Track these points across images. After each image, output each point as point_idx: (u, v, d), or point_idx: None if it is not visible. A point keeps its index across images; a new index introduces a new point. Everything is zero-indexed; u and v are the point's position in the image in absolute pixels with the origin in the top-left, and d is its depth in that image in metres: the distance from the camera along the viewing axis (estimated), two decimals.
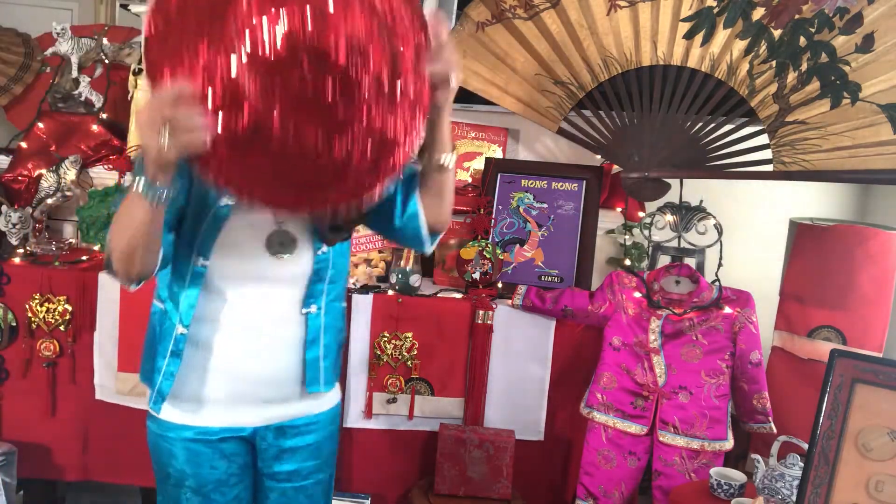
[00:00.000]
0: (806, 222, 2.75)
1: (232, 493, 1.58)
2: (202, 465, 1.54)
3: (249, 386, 1.53)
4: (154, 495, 2.80)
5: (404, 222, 1.51)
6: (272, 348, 1.53)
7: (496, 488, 2.37)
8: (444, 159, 1.43)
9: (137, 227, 1.29)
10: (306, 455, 1.62)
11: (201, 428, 1.52)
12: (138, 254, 1.33)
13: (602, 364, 2.37)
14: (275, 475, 1.62)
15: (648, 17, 2.37)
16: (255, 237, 1.47)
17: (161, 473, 1.58)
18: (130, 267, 1.34)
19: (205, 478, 1.54)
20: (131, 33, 3.34)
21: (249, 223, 1.46)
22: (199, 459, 1.53)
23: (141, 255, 1.33)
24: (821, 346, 2.53)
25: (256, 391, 1.54)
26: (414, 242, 1.56)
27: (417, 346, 2.43)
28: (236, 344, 1.50)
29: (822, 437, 1.51)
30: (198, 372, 1.51)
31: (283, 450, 1.60)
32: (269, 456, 1.60)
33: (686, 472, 2.27)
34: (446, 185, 1.50)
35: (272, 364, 1.53)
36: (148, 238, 1.32)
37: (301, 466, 1.62)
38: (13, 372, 2.43)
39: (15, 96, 3.08)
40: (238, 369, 1.51)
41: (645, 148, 2.47)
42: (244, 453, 1.59)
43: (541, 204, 2.65)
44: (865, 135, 2.20)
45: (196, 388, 1.51)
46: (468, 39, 2.56)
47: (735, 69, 2.33)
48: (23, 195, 2.70)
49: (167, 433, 1.54)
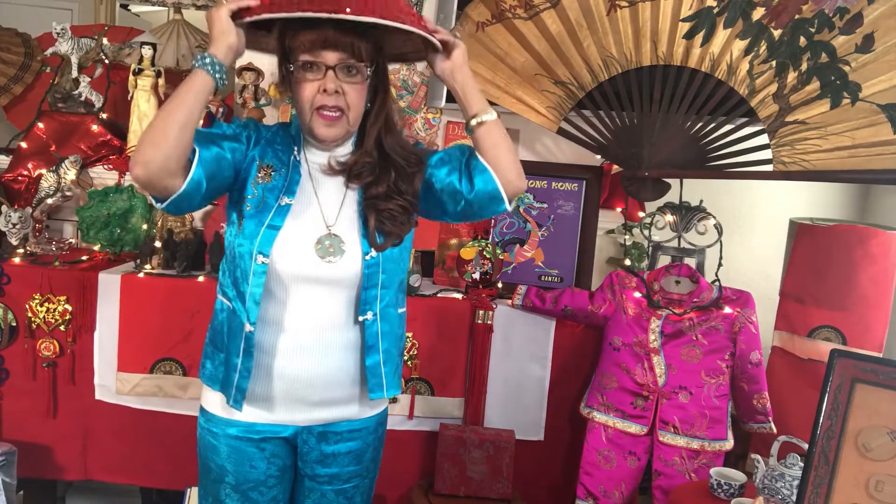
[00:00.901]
0: (806, 222, 2.75)
1: (270, 493, 1.62)
2: (243, 463, 1.59)
3: (301, 387, 1.56)
4: (153, 495, 2.82)
5: (477, 189, 1.55)
6: (327, 352, 1.56)
7: (496, 488, 2.37)
8: (476, 120, 1.54)
9: (183, 97, 1.39)
10: (348, 461, 1.65)
11: (246, 424, 1.57)
12: (172, 130, 1.36)
13: (602, 364, 2.37)
14: (315, 476, 1.65)
15: (648, 17, 2.37)
16: (307, 240, 1.52)
17: (204, 467, 1.64)
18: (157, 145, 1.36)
19: (244, 476, 1.59)
20: (131, 33, 3.35)
21: (303, 224, 1.52)
22: (240, 457, 1.59)
23: (175, 133, 1.36)
24: (821, 346, 2.53)
25: (308, 393, 1.57)
26: (492, 204, 1.57)
27: (417, 346, 2.43)
28: (291, 345, 1.54)
29: (822, 437, 1.51)
30: (256, 370, 1.55)
31: (325, 454, 1.63)
32: (311, 459, 1.64)
33: (686, 472, 2.27)
34: (495, 139, 1.55)
35: (325, 367, 1.56)
36: (188, 113, 1.38)
37: (342, 471, 1.66)
38: (13, 372, 2.42)
39: (15, 96, 3.08)
40: (291, 370, 1.55)
41: (645, 148, 2.47)
42: (285, 455, 1.63)
43: (541, 204, 2.65)
44: (865, 135, 2.20)
45: (252, 386, 1.55)
46: (468, 39, 2.55)
47: (735, 69, 2.33)
48: (23, 195, 2.71)
49: (213, 427, 1.60)
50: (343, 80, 1.47)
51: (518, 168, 1.58)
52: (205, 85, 1.41)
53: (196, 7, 3.77)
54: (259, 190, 1.53)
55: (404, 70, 2.80)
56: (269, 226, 1.50)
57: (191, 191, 1.42)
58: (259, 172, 1.54)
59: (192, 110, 1.39)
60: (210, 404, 1.61)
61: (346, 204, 1.56)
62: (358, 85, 1.49)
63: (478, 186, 1.55)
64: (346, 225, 1.55)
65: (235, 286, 1.54)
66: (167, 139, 1.36)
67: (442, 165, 1.58)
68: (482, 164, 1.55)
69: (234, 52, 1.45)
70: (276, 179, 1.54)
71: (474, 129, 1.55)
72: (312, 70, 1.47)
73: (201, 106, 1.41)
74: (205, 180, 1.44)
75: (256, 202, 1.52)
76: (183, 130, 1.37)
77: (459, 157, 1.59)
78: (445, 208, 1.60)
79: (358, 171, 1.54)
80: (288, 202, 1.52)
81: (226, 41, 1.43)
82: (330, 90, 1.46)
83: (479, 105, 1.55)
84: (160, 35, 3.62)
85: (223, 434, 1.58)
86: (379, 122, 1.56)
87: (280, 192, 1.53)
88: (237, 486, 1.60)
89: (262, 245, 1.50)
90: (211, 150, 1.46)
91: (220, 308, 1.60)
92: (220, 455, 1.59)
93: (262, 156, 1.55)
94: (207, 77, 1.41)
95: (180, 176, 1.40)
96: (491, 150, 1.55)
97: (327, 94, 1.47)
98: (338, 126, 1.51)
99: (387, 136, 1.56)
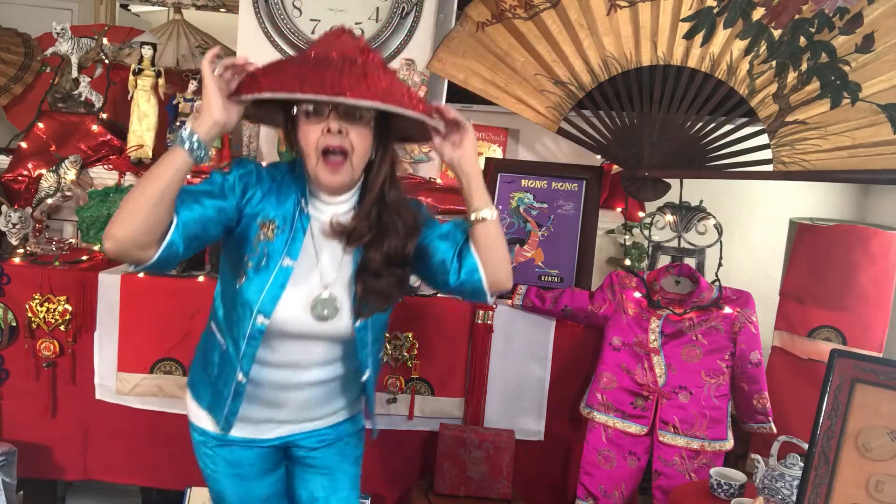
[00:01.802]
0: (806, 222, 2.75)
1: (270, 479, 1.75)
2: (240, 465, 1.71)
3: (287, 413, 1.67)
4: (154, 495, 2.81)
5: (462, 279, 1.57)
6: (314, 387, 1.66)
7: (496, 488, 2.37)
8: (476, 215, 1.54)
9: (161, 174, 1.36)
10: (329, 456, 1.77)
11: (234, 438, 1.67)
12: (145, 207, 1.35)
13: (602, 364, 2.37)
14: (301, 460, 1.77)
15: (648, 17, 2.37)
16: (305, 301, 1.55)
17: (203, 475, 1.75)
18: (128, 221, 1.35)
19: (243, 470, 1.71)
20: (131, 33, 3.35)
21: (303, 285, 1.54)
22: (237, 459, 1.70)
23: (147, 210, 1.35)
24: (821, 346, 2.53)
25: (294, 416, 1.68)
26: (475, 296, 1.60)
27: (417, 346, 2.43)
28: (280, 382, 1.63)
29: (822, 437, 1.51)
30: (245, 402, 1.62)
31: (311, 449, 1.74)
32: (296, 451, 1.76)
33: (686, 472, 2.27)
34: (490, 239, 1.55)
35: (312, 395, 1.67)
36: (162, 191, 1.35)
37: (328, 465, 1.77)
38: (13, 372, 2.42)
39: (15, 96, 3.09)
40: (278, 399, 1.64)
41: (645, 148, 2.47)
42: (275, 452, 1.75)
43: (541, 204, 2.65)
44: (865, 135, 2.20)
45: (241, 413, 1.63)
46: (468, 39, 2.56)
47: (735, 69, 2.33)
48: (23, 195, 2.70)
49: (202, 439, 1.70)
50: (345, 121, 1.46)
51: (507, 269, 1.58)
52: (182, 164, 1.38)
53: (196, 7, 3.78)
54: (261, 248, 1.51)
55: (404, 70, 2.81)
56: (270, 288, 1.51)
57: (165, 258, 1.41)
58: (261, 230, 1.52)
59: (166, 188, 1.36)
60: (200, 421, 1.69)
61: (343, 264, 1.57)
62: (361, 128, 1.47)
63: (464, 278, 1.57)
64: (342, 286, 1.57)
65: (230, 329, 1.58)
66: (140, 215, 1.35)
67: (444, 240, 1.59)
68: (473, 259, 1.56)
69: (220, 128, 1.41)
70: (278, 237, 1.52)
71: (473, 224, 1.55)
72: (315, 114, 1.46)
73: (178, 183, 1.38)
74: (182, 246, 1.42)
75: (258, 260, 1.52)
76: (156, 207, 1.35)
77: (458, 239, 1.59)
78: (434, 279, 1.63)
79: (357, 235, 1.54)
80: (290, 264, 1.52)
81: (211, 118, 1.40)
82: (333, 130, 1.45)
83: (482, 200, 1.55)
84: (160, 35, 3.63)
85: (213, 445, 1.69)
86: (383, 172, 1.55)
87: (283, 252, 1.52)
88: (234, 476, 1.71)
89: (265, 306, 1.51)
90: (193, 211, 1.43)
91: (213, 342, 1.65)
92: (217, 464, 1.70)
93: (264, 211, 1.53)
94: (186, 156, 1.38)
95: (153, 247, 1.39)
96: (485, 249, 1.56)
97: (331, 134, 1.45)
98: (342, 172, 1.49)
99: (390, 191, 1.56)
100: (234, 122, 1.44)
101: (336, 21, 2.81)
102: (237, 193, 1.51)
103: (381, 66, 1.46)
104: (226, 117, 1.41)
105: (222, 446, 1.67)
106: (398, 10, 2.78)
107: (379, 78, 1.41)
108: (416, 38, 2.83)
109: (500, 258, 1.57)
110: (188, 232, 1.42)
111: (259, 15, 2.80)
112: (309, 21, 2.81)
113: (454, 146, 1.54)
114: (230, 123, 1.43)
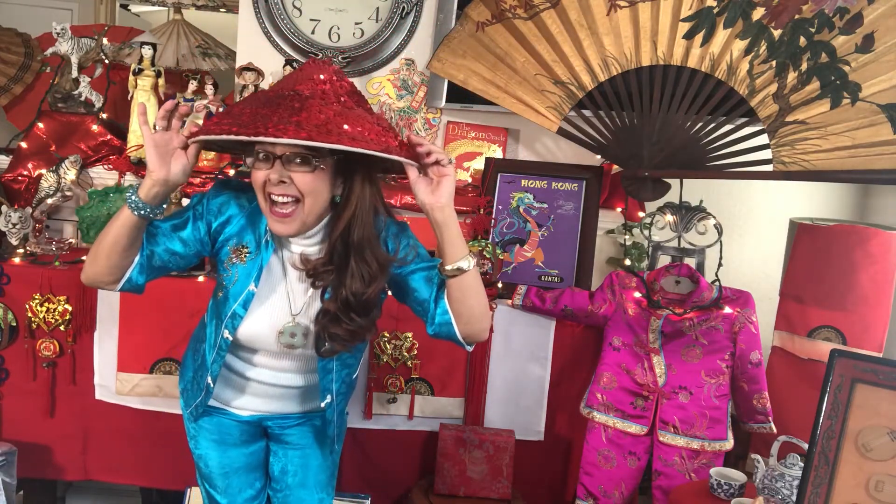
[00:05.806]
0: (806, 222, 2.75)
1: (249, 449, 1.80)
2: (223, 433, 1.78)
3: (261, 403, 1.74)
4: (154, 495, 2.81)
5: (437, 330, 1.56)
6: (283, 393, 1.72)
7: (496, 488, 2.37)
8: (451, 266, 1.46)
9: (115, 229, 1.47)
10: (303, 434, 1.82)
11: (212, 406, 1.75)
12: (102, 253, 1.49)
13: (602, 364, 2.37)
14: (277, 437, 1.82)
15: (648, 17, 2.37)
16: (272, 328, 1.58)
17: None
18: (92, 263, 1.52)
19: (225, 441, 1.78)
20: (131, 33, 3.35)
21: (268, 311, 1.58)
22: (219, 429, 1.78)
23: (104, 255, 1.49)
24: (821, 346, 2.53)
25: (265, 406, 1.75)
26: (452, 342, 1.58)
27: (417, 346, 2.43)
28: (247, 390, 1.72)
29: (822, 437, 1.51)
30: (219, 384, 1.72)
31: (284, 428, 1.80)
32: (271, 428, 1.81)
33: (686, 472, 2.27)
34: (464, 292, 1.49)
35: (280, 395, 1.73)
36: (114, 242, 1.47)
37: (301, 442, 1.82)
38: (13, 372, 2.42)
39: (15, 96, 3.09)
40: (254, 391, 1.73)
41: (645, 148, 2.47)
42: (252, 426, 1.80)
43: (541, 204, 2.65)
44: (865, 135, 2.20)
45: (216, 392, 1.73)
46: (468, 39, 2.56)
47: (735, 69, 2.33)
48: (23, 195, 2.70)
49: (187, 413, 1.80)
50: (291, 169, 1.41)
51: (482, 323, 1.53)
52: (131, 222, 1.46)
53: (196, 7, 3.78)
54: (232, 270, 1.56)
55: (404, 70, 2.81)
56: (236, 309, 1.56)
57: (128, 290, 1.55)
58: (232, 254, 1.56)
59: (118, 241, 1.47)
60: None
61: (315, 294, 1.56)
62: (308, 174, 1.41)
63: (437, 329, 1.55)
64: (312, 314, 1.57)
65: (209, 332, 1.66)
66: (101, 259, 1.50)
67: (426, 281, 1.55)
68: (445, 310, 1.51)
69: (162, 184, 1.43)
70: (249, 262, 1.55)
71: (447, 275, 1.47)
72: (263, 159, 1.43)
73: (130, 236, 1.47)
74: (143, 279, 1.55)
75: (229, 280, 1.56)
76: (111, 256, 1.49)
77: (437, 282, 1.55)
78: (418, 316, 1.61)
79: (318, 277, 1.50)
80: (253, 289, 1.54)
81: (149, 176, 1.43)
82: (273, 180, 1.42)
83: (458, 250, 1.46)
84: (160, 35, 3.62)
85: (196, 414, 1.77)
86: (348, 211, 1.46)
87: (251, 277, 1.54)
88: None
89: (228, 324, 1.58)
90: (158, 245, 1.54)
91: (202, 334, 1.72)
92: (200, 435, 1.78)
93: (237, 235, 1.56)
94: (133, 216, 1.45)
95: (118, 281, 1.53)
96: (457, 303, 1.50)
97: (272, 184, 1.43)
98: (291, 222, 1.46)
99: (356, 230, 1.46)
100: (179, 175, 1.45)
101: (336, 21, 2.83)
102: (211, 219, 1.56)
103: (337, 96, 1.39)
104: (165, 173, 1.43)
105: (203, 414, 1.75)
106: (398, 9, 2.78)
107: (318, 111, 1.33)
108: (416, 37, 2.83)
109: (472, 312, 1.50)
110: (152, 264, 1.55)
111: (259, 15, 2.80)
112: (309, 21, 2.82)
113: (429, 188, 1.43)
114: (174, 177, 1.45)
